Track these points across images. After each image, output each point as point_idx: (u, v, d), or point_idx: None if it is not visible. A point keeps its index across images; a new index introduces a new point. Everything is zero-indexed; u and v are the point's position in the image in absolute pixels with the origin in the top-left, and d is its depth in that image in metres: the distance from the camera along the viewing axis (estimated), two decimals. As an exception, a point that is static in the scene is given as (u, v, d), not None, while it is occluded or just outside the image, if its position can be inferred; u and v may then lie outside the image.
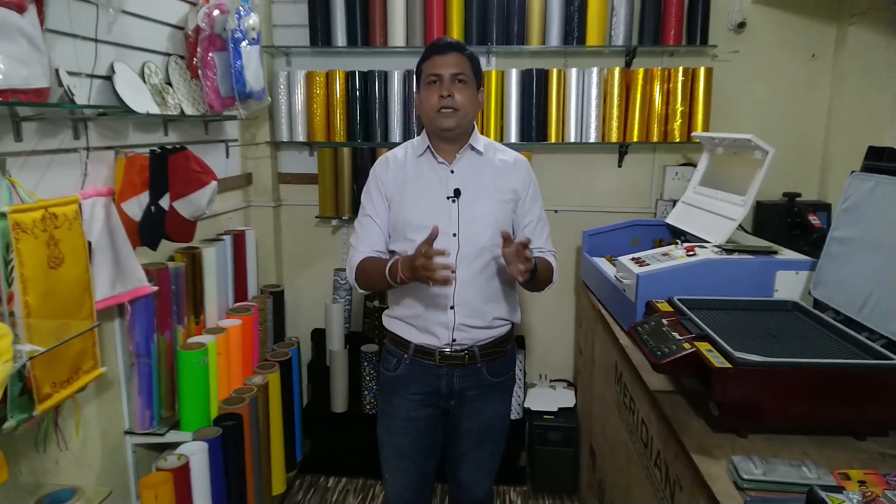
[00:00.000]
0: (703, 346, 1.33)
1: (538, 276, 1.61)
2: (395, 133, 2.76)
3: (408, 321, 1.73)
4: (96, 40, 1.73)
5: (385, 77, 2.74)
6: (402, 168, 1.73)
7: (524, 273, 1.50)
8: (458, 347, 1.70)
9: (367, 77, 2.74)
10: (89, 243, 1.63)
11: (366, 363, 2.77)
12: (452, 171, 1.70)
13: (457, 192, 1.66)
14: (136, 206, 1.84)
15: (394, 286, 1.62)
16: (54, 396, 1.47)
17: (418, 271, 1.47)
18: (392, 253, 1.74)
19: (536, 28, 2.65)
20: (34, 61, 1.39)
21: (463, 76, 1.63)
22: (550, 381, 2.99)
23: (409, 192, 1.70)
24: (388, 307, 1.81)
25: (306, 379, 3.03)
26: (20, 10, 1.35)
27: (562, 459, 2.69)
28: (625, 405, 1.83)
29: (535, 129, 2.70)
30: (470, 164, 1.72)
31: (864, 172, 1.63)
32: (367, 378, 2.78)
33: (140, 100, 1.84)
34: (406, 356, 1.74)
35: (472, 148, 1.72)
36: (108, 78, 1.77)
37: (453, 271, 1.52)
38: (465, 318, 1.68)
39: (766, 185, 2.00)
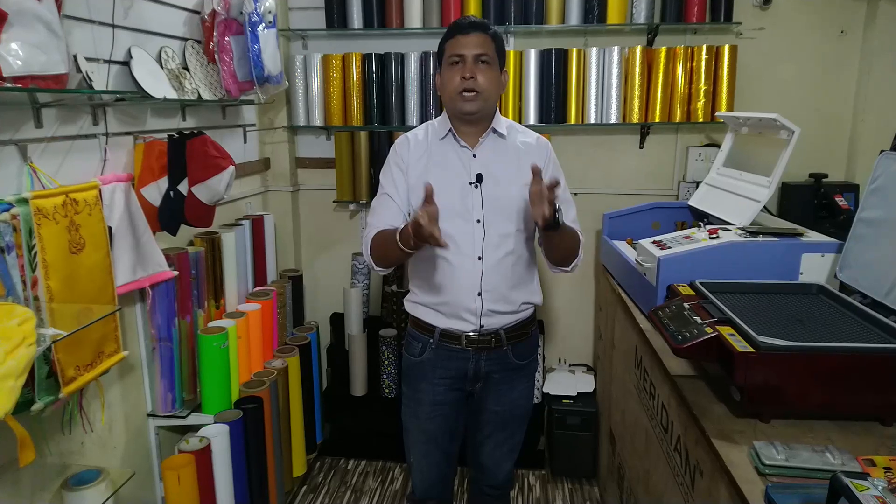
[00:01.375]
0: (725, 331, 1.31)
1: (562, 237, 1.56)
2: (413, 116, 2.74)
3: (434, 307, 1.71)
4: (113, 26, 1.74)
5: (402, 59, 2.71)
6: (425, 150, 1.70)
7: (546, 218, 1.41)
8: (484, 332, 1.69)
9: (383, 59, 2.72)
10: (109, 229, 1.64)
11: (384, 347, 2.78)
12: (475, 156, 1.67)
13: (479, 178, 1.64)
14: (156, 192, 1.86)
15: (408, 252, 1.54)
16: (79, 379, 1.49)
17: (419, 231, 1.39)
18: None
19: (556, 6, 2.60)
20: (52, 48, 1.39)
21: (486, 57, 1.59)
22: (570, 365, 2.98)
23: (432, 177, 1.65)
24: (409, 292, 1.80)
25: (325, 363, 3.06)
26: (37, -4, 1.35)
27: (581, 444, 2.69)
28: (645, 390, 1.81)
29: (554, 110, 2.66)
30: (493, 147, 1.69)
31: (893, 152, 1.58)
32: (386, 362, 2.79)
33: (157, 85, 1.84)
34: (431, 341, 1.73)
35: (495, 131, 1.69)
36: (126, 63, 1.78)
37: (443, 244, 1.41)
38: (492, 304, 1.67)
39: (791, 165, 1.95)
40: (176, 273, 1.89)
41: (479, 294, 1.66)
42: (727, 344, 1.26)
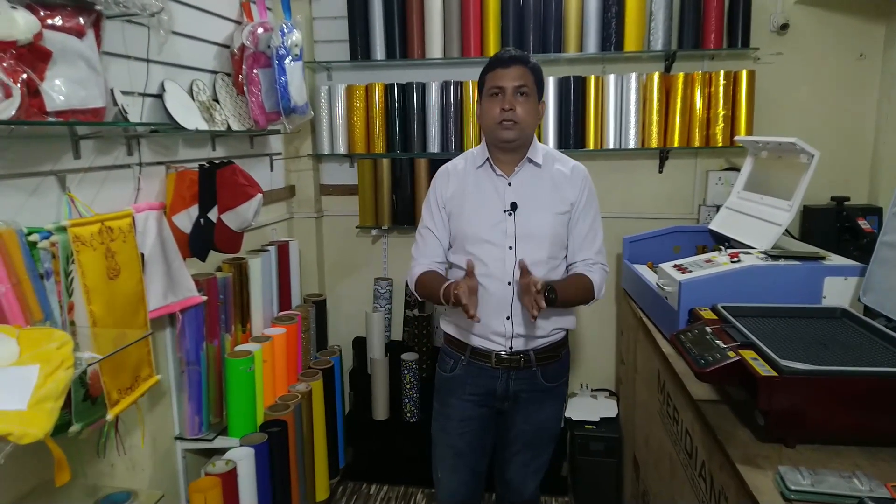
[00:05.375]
0: (748, 355, 1.31)
1: (566, 300, 1.65)
2: (434, 143, 2.80)
3: (465, 327, 1.77)
4: (148, 60, 1.81)
5: (423, 88, 2.77)
6: (462, 180, 1.77)
7: (532, 309, 1.53)
8: (514, 352, 1.73)
9: (405, 89, 2.79)
10: (142, 255, 1.70)
11: (406, 371, 2.79)
12: (510, 184, 1.72)
13: (513, 206, 1.68)
14: (186, 219, 1.91)
15: (448, 305, 1.67)
16: (121, 402, 1.53)
17: (457, 298, 1.55)
18: (452, 265, 1.80)
19: (573, 35, 2.65)
20: (92, 83, 1.46)
21: (525, 88, 1.65)
22: (592, 390, 2.96)
23: (468, 205, 1.73)
24: (443, 311, 1.85)
25: (348, 387, 3.07)
26: (80, 35, 1.43)
27: (604, 470, 2.66)
28: (668, 415, 1.80)
29: (572, 136, 2.70)
30: (528, 176, 1.73)
31: (916, 175, 1.58)
32: (408, 386, 2.80)
33: (189, 117, 1.91)
34: (463, 357, 1.78)
35: (531, 161, 1.73)
36: (159, 96, 1.85)
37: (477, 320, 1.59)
38: (521, 329, 1.71)
39: (813, 189, 1.95)
40: (205, 298, 1.94)
41: (509, 318, 1.69)
42: (750, 368, 1.26)
